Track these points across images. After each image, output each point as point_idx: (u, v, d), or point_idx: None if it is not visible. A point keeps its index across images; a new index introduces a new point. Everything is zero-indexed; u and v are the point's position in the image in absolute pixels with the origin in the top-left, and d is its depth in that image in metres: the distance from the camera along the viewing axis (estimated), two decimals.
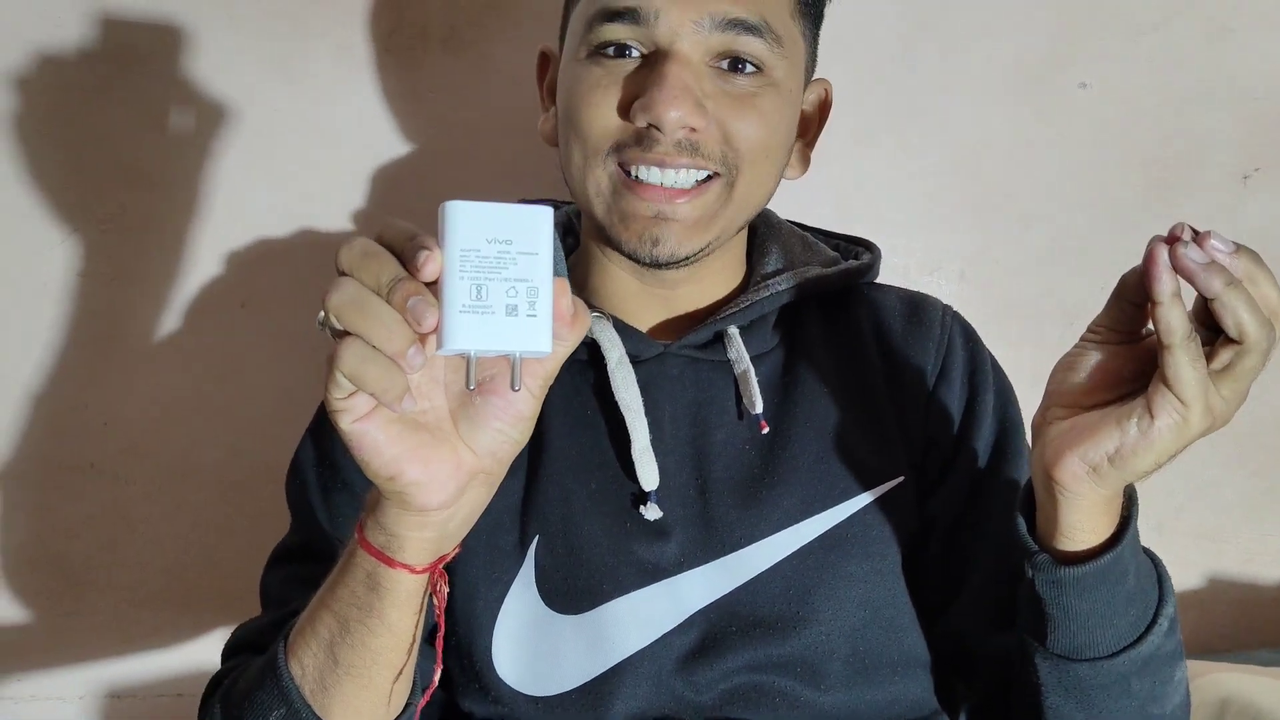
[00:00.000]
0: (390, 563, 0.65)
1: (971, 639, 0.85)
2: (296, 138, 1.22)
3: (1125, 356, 0.68)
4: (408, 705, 0.73)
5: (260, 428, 1.26)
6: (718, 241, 0.85)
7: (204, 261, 1.24)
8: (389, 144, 1.23)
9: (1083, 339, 0.70)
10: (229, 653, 0.85)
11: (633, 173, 0.81)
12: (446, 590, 0.69)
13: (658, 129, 0.78)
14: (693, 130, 0.79)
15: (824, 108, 0.93)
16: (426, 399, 0.62)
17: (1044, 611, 0.73)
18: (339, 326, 0.57)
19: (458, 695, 0.85)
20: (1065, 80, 1.28)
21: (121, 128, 1.20)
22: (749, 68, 0.82)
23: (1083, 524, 0.70)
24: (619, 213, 0.82)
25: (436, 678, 0.73)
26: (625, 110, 0.80)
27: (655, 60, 0.80)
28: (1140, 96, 1.29)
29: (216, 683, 0.81)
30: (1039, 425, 0.71)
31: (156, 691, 1.31)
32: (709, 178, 0.82)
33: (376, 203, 1.23)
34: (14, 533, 1.27)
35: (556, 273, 0.60)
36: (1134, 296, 0.66)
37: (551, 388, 0.86)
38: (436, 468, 0.62)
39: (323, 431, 0.90)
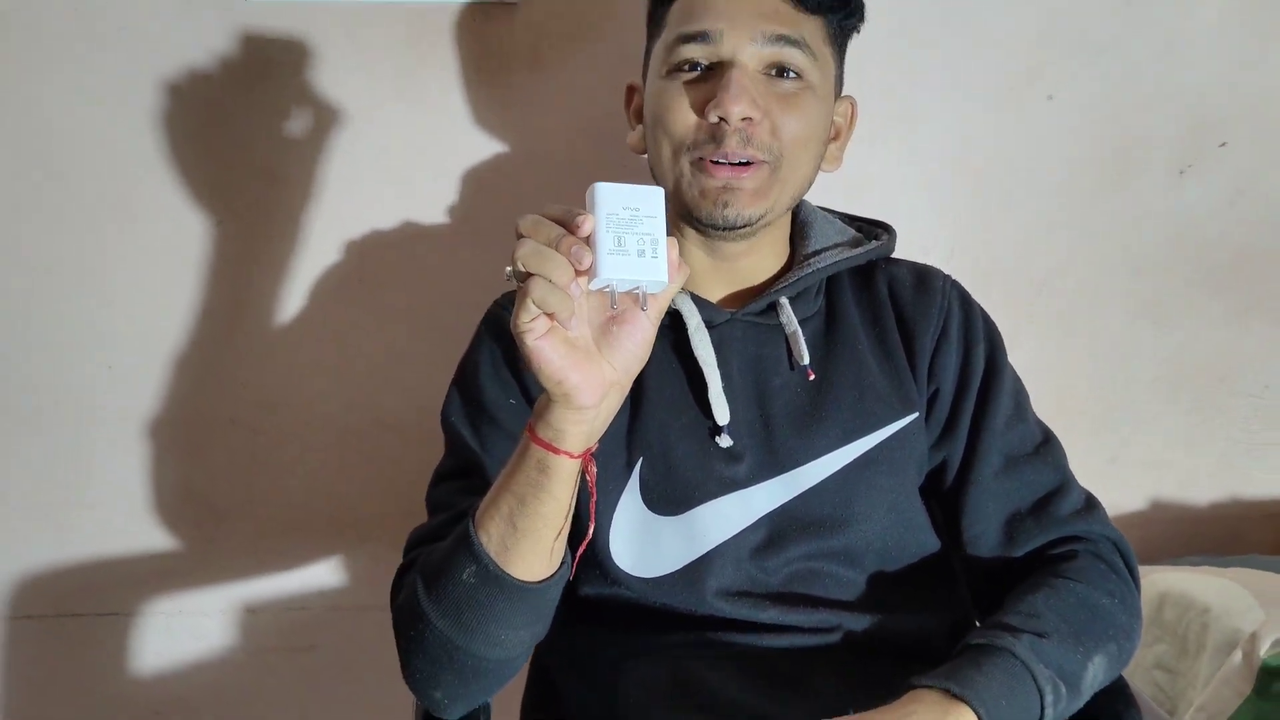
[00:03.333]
0: (556, 451, 0.85)
1: (989, 545, 1.04)
2: (404, 141, 1.38)
3: None
4: (562, 563, 0.93)
5: (372, 385, 1.43)
6: (771, 213, 1.03)
7: (326, 246, 1.40)
8: (481, 146, 1.39)
9: None
10: (409, 547, 1.03)
11: (704, 159, 1.00)
12: (595, 470, 0.90)
13: (725, 121, 0.98)
14: (749, 121, 0.99)
15: (852, 118, 1.12)
16: (579, 329, 0.84)
17: None
18: (524, 270, 0.79)
19: (579, 582, 1.04)
20: (1036, 92, 1.44)
21: (259, 133, 1.36)
22: (792, 74, 1.01)
23: None
24: (699, 189, 1.02)
25: (590, 530, 0.95)
26: (700, 111, 1.00)
27: (721, 70, 1.00)
28: (1097, 105, 1.45)
29: (407, 566, 1.00)
30: None
31: (284, 606, 1.48)
32: (754, 163, 1.01)
33: (469, 196, 1.40)
34: (165, 475, 1.44)
35: (668, 234, 0.83)
36: None
37: None
38: (589, 376, 0.83)
39: (465, 383, 1.09)
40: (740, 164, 1.01)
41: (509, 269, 0.80)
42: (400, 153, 1.39)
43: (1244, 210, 1.51)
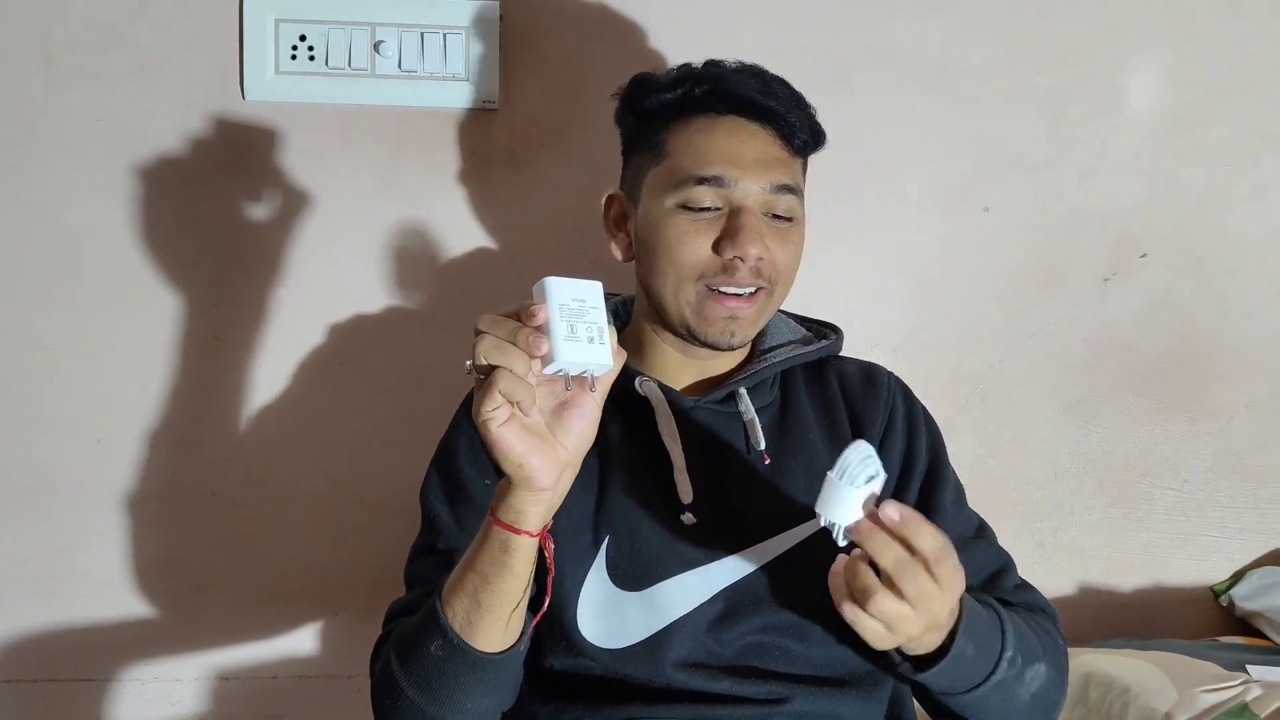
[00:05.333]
0: (517, 531, 0.91)
1: None
2: (388, 232, 1.45)
3: None
4: (521, 634, 0.99)
5: (352, 462, 1.48)
6: (759, 329, 1.16)
7: (311, 329, 1.46)
8: (460, 238, 1.47)
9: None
10: (388, 619, 1.10)
11: (715, 288, 1.10)
12: (552, 545, 0.96)
13: (742, 260, 1.08)
14: (760, 259, 1.09)
15: None
16: (534, 414, 0.90)
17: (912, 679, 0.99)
18: (485, 364, 0.84)
19: (545, 655, 1.09)
20: (974, 205, 1.54)
21: (251, 222, 1.43)
22: (786, 214, 1.12)
23: (918, 645, 0.93)
24: (704, 317, 1.11)
25: (546, 603, 0.99)
26: (714, 248, 1.10)
27: (734, 214, 1.09)
28: (1029, 218, 1.55)
29: (384, 639, 1.06)
30: None
31: (256, 674, 1.50)
32: (758, 290, 1.11)
33: (448, 284, 1.47)
34: (147, 546, 1.47)
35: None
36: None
37: (612, 431, 1.13)
38: (546, 458, 0.88)
39: (444, 464, 1.16)
40: (744, 296, 1.10)
41: (469, 363, 0.86)
42: (384, 242, 1.46)
43: (1162, 317, 1.59)
